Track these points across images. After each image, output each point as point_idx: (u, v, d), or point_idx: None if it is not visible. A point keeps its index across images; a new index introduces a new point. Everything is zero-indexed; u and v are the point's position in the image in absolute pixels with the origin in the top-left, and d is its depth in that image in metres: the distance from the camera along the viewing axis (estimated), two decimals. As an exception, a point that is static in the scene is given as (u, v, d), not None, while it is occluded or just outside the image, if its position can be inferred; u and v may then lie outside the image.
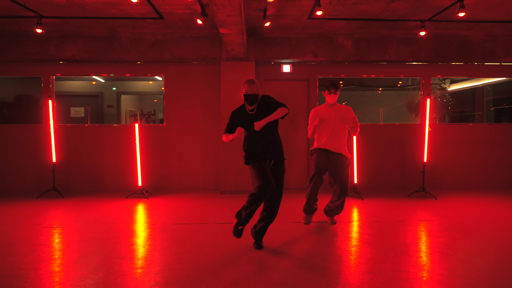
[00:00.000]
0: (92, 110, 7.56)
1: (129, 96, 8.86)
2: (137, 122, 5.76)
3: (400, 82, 9.44)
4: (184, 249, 3.18)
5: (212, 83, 6.10)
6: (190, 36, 5.83)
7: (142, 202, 5.22)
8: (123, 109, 8.17)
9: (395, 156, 6.31)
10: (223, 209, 4.74)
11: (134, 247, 3.25)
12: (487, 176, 6.40)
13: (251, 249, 3.16)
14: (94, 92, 7.61)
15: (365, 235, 3.62)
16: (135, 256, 3.03)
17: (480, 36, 6.04)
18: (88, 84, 7.71)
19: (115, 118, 7.77)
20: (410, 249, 3.16)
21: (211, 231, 3.74)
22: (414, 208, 4.75)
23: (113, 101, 7.67)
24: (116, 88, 7.85)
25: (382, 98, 10.10)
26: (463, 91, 9.23)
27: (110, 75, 6.26)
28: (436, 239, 3.47)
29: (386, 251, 3.12)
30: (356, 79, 8.87)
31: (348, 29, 5.69)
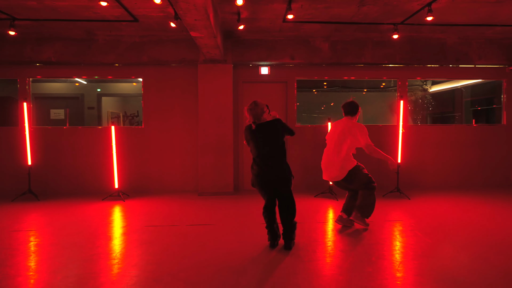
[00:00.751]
0: (73, 112, 7.55)
1: (113, 98, 8.85)
2: (116, 124, 5.76)
3: (383, 84, 9.58)
4: (150, 251, 3.20)
5: (191, 85, 6.13)
6: (168, 38, 5.85)
7: (118, 204, 5.23)
8: (105, 111, 8.17)
9: (371, 157, 6.38)
10: (197, 211, 4.77)
11: (100, 250, 3.26)
12: (463, 176, 6.52)
13: (215, 251, 3.20)
14: (74, 94, 7.59)
15: (337, 234, 3.68)
16: (98, 259, 3.05)
17: (454, 39, 6.17)
18: (69, 86, 7.69)
19: (96, 120, 7.76)
20: (372, 249, 3.22)
21: (181, 233, 3.77)
22: (386, 208, 4.83)
23: (94, 103, 7.65)
24: (98, 90, 7.84)
25: (366, 100, 10.22)
26: (444, 92, 9.40)
27: (87, 78, 6.24)
28: (401, 239, 3.55)
29: (348, 250, 3.18)
30: (339, 81, 8.98)
31: (325, 32, 5.77)
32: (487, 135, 6.58)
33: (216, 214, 4.56)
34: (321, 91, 9.84)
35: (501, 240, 3.45)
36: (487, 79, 6.81)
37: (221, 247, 3.30)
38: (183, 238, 3.57)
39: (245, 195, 5.82)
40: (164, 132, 6.17)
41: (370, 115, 9.48)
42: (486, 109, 8.12)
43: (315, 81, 8.11)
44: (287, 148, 6.22)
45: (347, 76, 6.45)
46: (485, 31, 5.83)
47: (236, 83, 6.17)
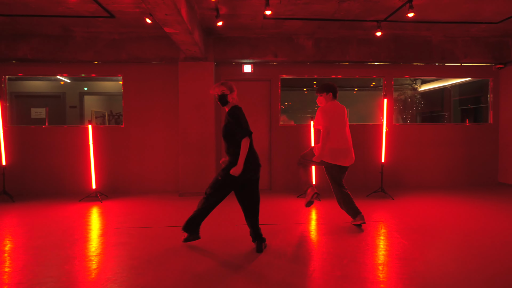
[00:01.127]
0: (54, 111, 7.40)
1: (98, 96, 8.70)
2: (100, 123, 5.62)
3: (373, 83, 9.50)
4: (114, 254, 3.08)
5: (172, 83, 6.00)
6: (148, 35, 5.72)
7: (95, 205, 5.09)
8: (89, 110, 8.01)
9: (358, 155, 6.28)
10: (174, 212, 4.65)
11: (63, 253, 3.13)
12: (449, 175, 6.45)
13: (181, 255, 3.08)
14: (56, 93, 7.43)
15: (304, 237, 3.57)
16: (59, 264, 2.92)
17: (439, 37, 6.08)
18: (51, 84, 7.53)
19: (79, 119, 7.60)
20: (344, 252, 3.12)
21: (151, 235, 3.65)
22: (368, 209, 4.73)
23: (76, 102, 7.50)
24: (80, 88, 7.69)
25: (356, 99, 10.14)
26: (433, 91, 9.33)
27: (65, 75, 6.09)
28: (378, 241, 3.45)
29: (323, 253, 3.08)
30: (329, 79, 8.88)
31: (308, 29, 5.66)
32: (473, 134, 6.51)
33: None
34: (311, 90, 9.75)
35: (482, 242, 3.36)
36: (473, 77, 6.75)
37: (189, 251, 3.18)
38: (151, 240, 3.45)
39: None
40: (145, 131, 6.04)
41: (360, 114, 9.40)
42: (473, 108, 8.06)
43: (305, 80, 8.00)
44: (272, 148, 6.17)
45: (333, 74, 6.35)
46: (470, 29, 5.76)
47: (218, 81, 6.04)
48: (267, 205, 4.99)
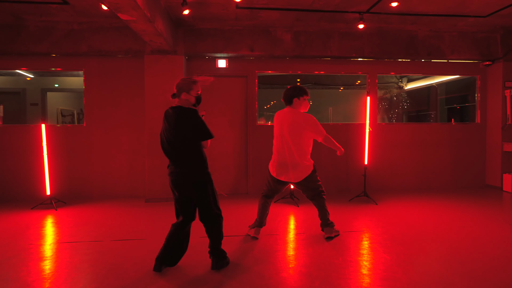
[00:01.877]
0: (12, 109, 6.80)
1: (64, 94, 8.10)
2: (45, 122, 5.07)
3: (358, 81, 9.16)
4: (48, 276, 2.59)
5: (138, 79, 5.50)
6: (111, 26, 5.20)
7: (48, 214, 4.56)
8: (54, 108, 7.42)
9: (341, 157, 5.93)
10: (135, 221, 4.16)
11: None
12: (434, 177, 6.13)
13: (123, 274, 2.62)
14: (15, 89, 6.82)
15: (274, 252, 3.15)
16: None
17: (425, 32, 5.75)
18: (9, 79, 6.91)
19: (40, 118, 7.00)
20: (331, 266, 2.71)
21: (99, 250, 3.16)
22: (349, 216, 4.35)
23: (38, 99, 6.91)
24: (43, 85, 7.09)
25: (340, 97, 9.81)
26: (419, 90, 9.06)
27: (16, 69, 5.51)
28: (357, 254, 3.05)
29: (283, 272, 2.66)
30: (311, 77, 8.49)
31: (286, 21, 5.24)
32: (460, 134, 6.21)
33: (155, 225, 3.96)
34: None
35: (470, 256, 3.00)
36: (460, 75, 6.45)
37: (134, 269, 2.71)
38: (96, 259, 2.96)
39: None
40: (109, 130, 5.52)
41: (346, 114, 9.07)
42: (460, 107, 7.81)
43: (288, 77, 7.58)
44: (249, 149, 5.72)
45: (315, 70, 5.94)
46: (457, 23, 5.44)
47: (189, 76, 5.56)
48: (243, 211, 4.55)
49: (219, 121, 5.70)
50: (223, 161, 5.73)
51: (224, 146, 5.73)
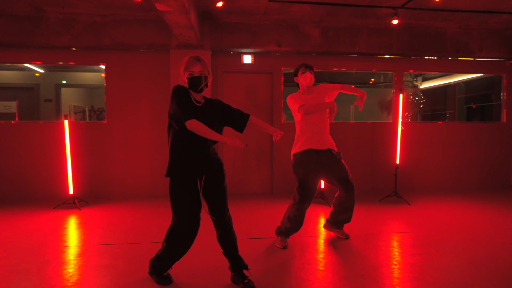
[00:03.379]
0: (26, 105, 6.57)
1: (76, 90, 7.88)
2: (69, 118, 4.88)
3: (372, 79, 9.04)
4: (94, 284, 2.42)
5: (161, 74, 5.32)
6: (134, 18, 5.01)
7: (72, 214, 4.37)
8: (67, 104, 7.20)
9: (365, 156, 5.81)
10: (167, 221, 3.99)
11: (27, 283, 2.45)
12: (459, 177, 6.04)
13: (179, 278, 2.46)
14: (29, 84, 6.60)
15: (329, 255, 3.01)
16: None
17: (454, 29, 5.64)
18: (23, 74, 6.68)
19: (55, 115, 6.80)
20: (380, 274, 2.58)
21: (141, 254, 3.00)
22: (386, 217, 4.22)
23: (52, 95, 6.69)
24: (57, 80, 6.86)
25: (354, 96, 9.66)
26: (435, 89, 8.97)
27: (36, 63, 5.29)
28: (410, 258, 2.92)
29: (353, 278, 2.52)
30: (326, 75, 8.36)
31: (315, 16, 5.09)
32: (484, 133, 6.12)
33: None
34: None
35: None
36: (486, 73, 6.35)
37: (186, 274, 2.55)
38: (140, 262, 2.80)
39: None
40: (131, 127, 5.33)
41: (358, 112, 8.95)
42: (481, 106, 7.73)
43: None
44: (274, 148, 5.57)
45: (337, 68, 5.80)
46: (488, 20, 5.34)
47: (214, 72, 5.41)
48: (268, 212, 4.41)
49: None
50: (247, 159, 5.57)
51: (248, 144, 5.57)
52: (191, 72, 2.19)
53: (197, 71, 2.19)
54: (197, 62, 2.21)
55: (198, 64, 2.20)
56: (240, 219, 3.99)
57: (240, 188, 5.56)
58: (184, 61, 2.23)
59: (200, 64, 2.21)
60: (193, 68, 2.19)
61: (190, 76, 2.20)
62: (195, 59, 2.22)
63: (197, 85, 2.20)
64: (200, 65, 2.21)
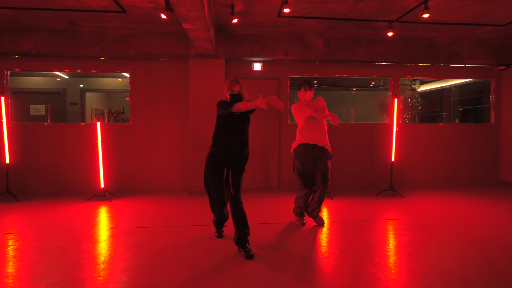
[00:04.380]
0: (54, 108, 7.19)
1: (97, 94, 8.50)
2: (100, 120, 5.48)
3: (373, 83, 9.60)
4: (141, 255, 3.00)
5: (180, 81, 5.91)
6: (157, 31, 5.62)
7: (104, 204, 4.97)
8: (88, 107, 7.82)
9: (365, 155, 6.37)
10: (188, 211, 4.58)
11: (86, 254, 3.04)
12: (452, 174, 6.58)
13: (211, 253, 3.04)
14: (56, 89, 7.22)
15: (330, 235, 3.58)
16: (84, 264, 2.82)
17: (445, 38, 6.19)
18: (50, 80, 7.31)
19: (79, 117, 7.41)
20: (373, 249, 3.14)
21: (173, 234, 3.58)
22: (381, 207, 4.78)
23: (77, 99, 7.31)
24: (81, 85, 7.49)
25: (355, 98, 10.22)
26: (432, 91, 9.50)
27: (70, 71, 5.91)
28: (399, 238, 3.48)
29: (349, 251, 3.08)
30: (329, 79, 8.93)
31: (319, 28, 5.67)
32: (475, 133, 6.66)
33: (208, 214, 4.38)
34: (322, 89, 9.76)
35: (498, 238, 3.43)
36: (476, 78, 6.90)
37: (216, 249, 3.13)
38: (175, 240, 3.38)
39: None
40: (152, 129, 5.93)
41: (359, 114, 9.49)
42: (473, 108, 8.25)
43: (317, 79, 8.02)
44: (282, 146, 6.15)
45: (339, 74, 6.38)
46: (475, 31, 5.88)
47: (227, 78, 5.99)
48: (275, 203, 4.97)
49: (254, 120, 6.12)
50: (258, 157, 6.15)
51: (258, 143, 6.15)
52: (232, 91, 2.89)
53: (237, 90, 2.89)
54: (236, 83, 2.90)
55: (237, 85, 2.90)
56: (252, 208, 4.57)
57: (247, 183, 6.13)
58: (227, 83, 2.94)
59: (239, 85, 2.90)
60: (233, 88, 2.89)
61: (232, 94, 2.89)
62: (235, 81, 2.91)
63: (236, 100, 2.87)
64: (239, 85, 2.90)
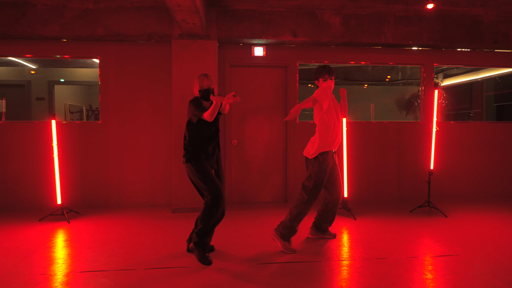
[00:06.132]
0: (16, 104, 6.04)
1: (72, 87, 7.33)
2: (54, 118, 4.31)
3: (388, 76, 8.41)
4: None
5: (163, 68, 4.75)
6: (132, 5, 4.45)
7: (60, 227, 3.80)
8: (61, 104, 6.65)
9: (391, 161, 5.19)
10: (167, 238, 3.41)
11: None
12: (495, 183, 5.38)
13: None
14: (18, 81, 6.06)
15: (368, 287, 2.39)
16: None
17: (492, 16, 5.00)
18: (12, 71, 6.14)
19: (47, 115, 6.24)
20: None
21: (133, 284, 2.41)
22: (425, 233, 3.59)
23: (45, 93, 6.15)
24: (50, 77, 6.32)
25: (369, 94, 9.04)
26: (459, 86, 8.30)
27: (20, 56, 4.74)
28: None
29: (408, 327, 1.90)
30: (341, 71, 7.74)
31: (336, 2, 4.49)
32: (522, 134, 5.46)
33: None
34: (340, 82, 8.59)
35: None
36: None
37: None
38: (135, 298, 2.21)
39: (233, 210, 4.48)
40: (128, 128, 4.76)
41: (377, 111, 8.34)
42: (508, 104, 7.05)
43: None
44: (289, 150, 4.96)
45: (359, 61, 5.19)
46: (533, 5, 4.69)
47: (222, 66, 4.82)
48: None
49: (254, 118, 4.94)
50: (258, 164, 4.98)
51: (259, 147, 4.98)
52: (201, 86, 2.92)
53: (206, 85, 2.91)
54: (206, 78, 2.93)
55: (206, 80, 2.92)
56: (252, 231, 3.39)
57: (250, 196, 4.96)
58: (196, 80, 2.96)
59: (207, 79, 2.92)
60: (203, 83, 2.91)
61: (201, 89, 2.92)
62: (204, 76, 2.94)
63: (207, 95, 2.91)
64: (208, 80, 2.92)
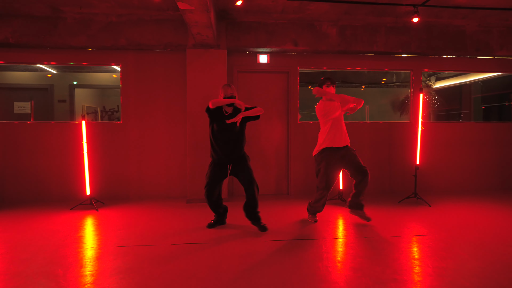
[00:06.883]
0: (41, 106, 6.57)
1: (89, 90, 7.88)
2: (92, 119, 4.86)
3: (384, 79, 8.94)
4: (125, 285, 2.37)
5: (177, 74, 5.29)
6: (150, 18, 4.99)
7: (90, 214, 4.34)
8: (79, 105, 7.20)
9: (383, 157, 5.72)
10: (185, 223, 3.95)
11: (54, 281, 2.41)
12: (480, 178, 5.92)
13: (207, 283, 2.40)
14: (43, 85, 6.60)
15: (357, 257, 2.93)
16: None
17: (474, 27, 5.54)
18: (37, 75, 6.69)
19: (68, 115, 6.79)
20: (413, 278, 2.50)
21: (164, 256, 2.95)
22: (409, 218, 4.13)
23: (66, 96, 6.69)
24: (70, 81, 6.87)
25: (366, 96, 9.57)
26: (449, 88, 8.83)
27: (53, 64, 5.28)
28: (441, 261, 2.83)
29: (386, 282, 2.44)
30: (340, 75, 8.28)
31: (333, 14, 5.03)
32: (503, 133, 5.99)
33: (207, 228, 3.75)
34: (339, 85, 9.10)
35: None
36: (506, 72, 6.22)
37: (218, 277, 2.50)
38: (165, 264, 2.75)
39: (241, 201, 5.01)
40: (146, 128, 5.31)
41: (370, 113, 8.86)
42: (498, 106, 7.58)
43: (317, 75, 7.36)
44: (290, 148, 5.53)
45: (354, 67, 5.73)
46: (509, 17, 5.22)
47: (230, 72, 5.36)
48: (284, 213, 4.34)
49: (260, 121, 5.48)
50: (262, 159, 5.52)
51: (263, 144, 5.52)
52: (225, 94, 3.54)
53: (229, 93, 3.54)
54: (228, 87, 3.57)
55: (229, 89, 3.56)
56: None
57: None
58: (221, 89, 3.61)
59: (230, 88, 3.56)
60: (226, 92, 3.53)
61: (225, 97, 3.54)
62: (227, 85, 3.58)
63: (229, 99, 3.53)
64: (230, 89, 3.55)
